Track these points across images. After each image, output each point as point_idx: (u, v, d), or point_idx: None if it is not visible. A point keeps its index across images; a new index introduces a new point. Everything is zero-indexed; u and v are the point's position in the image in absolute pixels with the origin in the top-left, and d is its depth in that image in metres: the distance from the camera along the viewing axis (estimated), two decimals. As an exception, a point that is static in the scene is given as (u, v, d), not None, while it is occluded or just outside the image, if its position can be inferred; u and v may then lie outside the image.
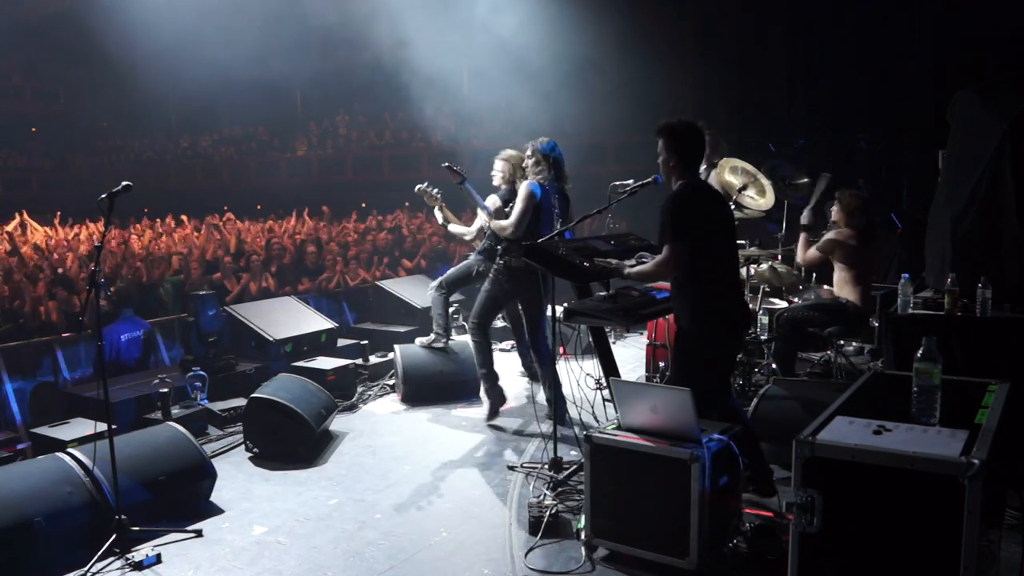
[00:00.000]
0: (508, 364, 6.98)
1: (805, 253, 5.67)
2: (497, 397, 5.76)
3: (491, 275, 5.53)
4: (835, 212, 5.66)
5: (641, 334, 7.65)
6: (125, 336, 6.67)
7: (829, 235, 5.53)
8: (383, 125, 22.26)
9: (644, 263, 4.10)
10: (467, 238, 6.10)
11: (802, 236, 5.73)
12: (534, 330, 5.55)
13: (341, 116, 23.47)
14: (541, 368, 5.52)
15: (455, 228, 6.16)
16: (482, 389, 5.87)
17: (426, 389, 6.31)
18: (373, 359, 7.02)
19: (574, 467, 4.46)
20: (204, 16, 13.56)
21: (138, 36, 15.82)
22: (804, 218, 5.75)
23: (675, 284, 3.96)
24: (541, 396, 5.75)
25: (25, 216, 14.32)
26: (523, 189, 5.30)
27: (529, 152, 5.37)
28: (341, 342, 7.52)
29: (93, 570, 3.67)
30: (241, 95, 19.13)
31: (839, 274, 5.55)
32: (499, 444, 5.33)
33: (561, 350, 6.68)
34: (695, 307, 3.85)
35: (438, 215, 6.14)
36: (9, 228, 13.45)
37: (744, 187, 5.85)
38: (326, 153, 23.55)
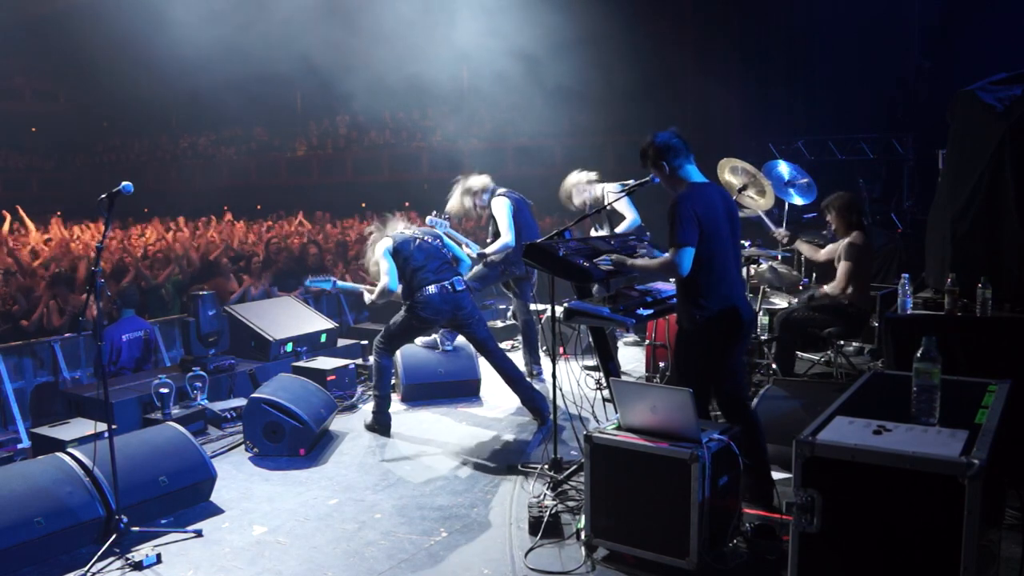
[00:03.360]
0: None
1: (817, 254, 5.89)
2: (384, 426, 5.56)
3: (405, 308, 5.44)
4: (833, 220, 5.66)
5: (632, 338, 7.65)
6: (126, 336, 6.66)
7: (847, 241, 5.52)
8: (383, 125, 22.25)
9: (648, 257, 4.12)
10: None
11: (802, 244, 6.02)
12: (486, 355, 5.57)
13: (341, 116, 23.45)
14: (512, 386, 5.51)
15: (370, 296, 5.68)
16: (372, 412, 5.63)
17: (426, 389, 6.31)
18: (373, 359, 7.01)
19: (574, 467, 4.46)
20: (204, 16, 13.56)
21: (138, 36, 15.81)
22: (783, 238, 5.96)
23: (678, 284, 3.96)
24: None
25: (20, 212, 14.25)
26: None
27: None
28: (341, 342, 7.53)
29: (93, 570, 3.67)
30: (241, 95, 19.12)
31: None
32: (499, 444, 5.32)
33: (561, 350, 6.68)
34: (697, 308, 3.84)
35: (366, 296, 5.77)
36: (7, 229, 13.41)
37: (744, 187, 5.84)
38: (326, 153, 23.53)
